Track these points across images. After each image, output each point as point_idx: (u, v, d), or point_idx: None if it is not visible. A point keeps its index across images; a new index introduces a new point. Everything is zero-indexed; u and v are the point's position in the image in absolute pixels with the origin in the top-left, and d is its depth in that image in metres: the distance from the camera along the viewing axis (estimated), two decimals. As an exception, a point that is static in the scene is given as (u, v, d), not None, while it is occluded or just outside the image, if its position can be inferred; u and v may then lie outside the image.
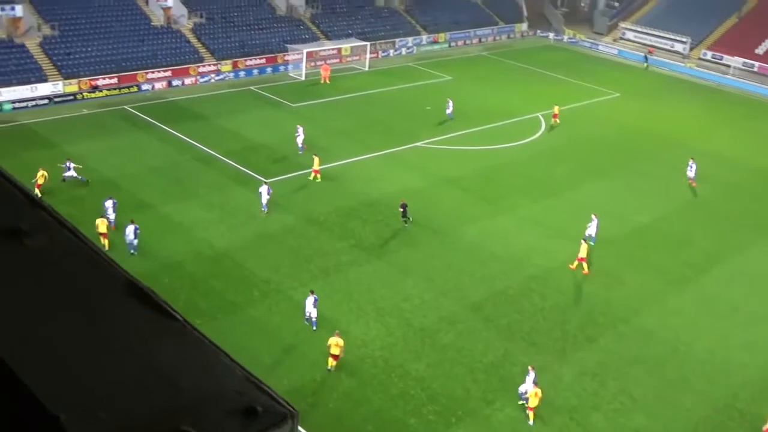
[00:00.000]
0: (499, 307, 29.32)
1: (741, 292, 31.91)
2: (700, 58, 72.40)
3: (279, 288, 29.33)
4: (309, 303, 26.86)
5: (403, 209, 34.66)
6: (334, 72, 58.92)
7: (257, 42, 59.88)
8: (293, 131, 43.12)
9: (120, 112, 47.57)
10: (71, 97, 49.00)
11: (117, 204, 32.75)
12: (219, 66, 56.71)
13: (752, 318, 30.06)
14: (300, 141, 42.49)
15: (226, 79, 56.54)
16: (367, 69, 62.20)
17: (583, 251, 32.04)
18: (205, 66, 56.08)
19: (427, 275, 31.13)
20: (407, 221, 34.71)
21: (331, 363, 24.75)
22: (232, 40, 59.00)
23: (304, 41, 61.40)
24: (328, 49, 62.02)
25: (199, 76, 55.30)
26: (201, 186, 37.57)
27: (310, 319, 26.91)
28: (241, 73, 57.59)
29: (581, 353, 27.02)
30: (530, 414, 23.28)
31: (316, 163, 39.06)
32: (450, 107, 50.20)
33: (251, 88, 54.83)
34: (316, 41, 62.82)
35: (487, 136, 48.04)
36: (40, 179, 34.48)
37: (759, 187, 43.48)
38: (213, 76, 56.13)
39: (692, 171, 42.56)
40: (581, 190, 40.84)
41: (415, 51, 69.61)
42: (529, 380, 23.76)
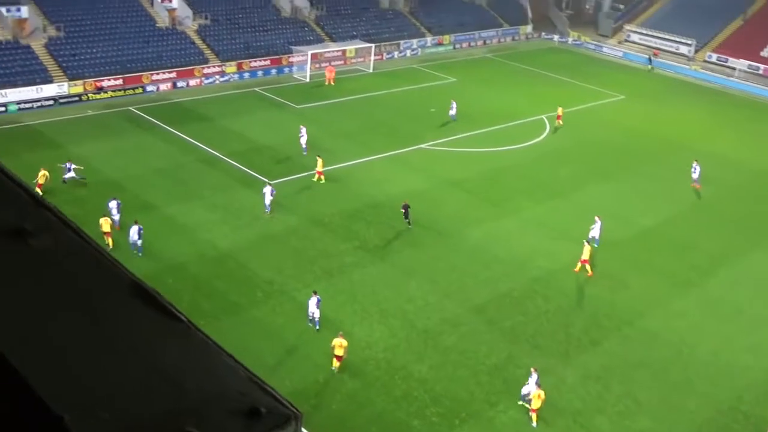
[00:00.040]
0: (502, 309, 29.29)
1: (746, 295, 31.84)
2: (705, 61, 72.28)
3: (282, 289, 29.34)
4: (312, 303, 26.87)
5: (405, 210, 34.67)
6: (339, 74, 58.97)
7: (262, 44, 59.95)
8: (297, 132, 43.18)
9: (125, 114, 47.67)
10: (76, 98, 49.12)
11: (121, 204, 32.86)
12: (224, 67, 56.80)
13: (757, 321, 29.99)
14: (303, 141, 42.55)
15: (231, 80, 56.62)
16: (371, 71, 62.25)
17: (586, 253, 32.03)
18: (209, 67, 56.17)
19: (430, 277, 31.12)
20: (408, 223, 34.70)
21: (335, 364, 24.76)
22: (237, 42, 59.09)
23: (309, 43, 61.45)
24: (333, 51, 62.08)
25: (203, 78, 55.39)
26: (205, 187, 37.61)
27: (313, 320, 26.92)
28: (246, 75, 57.67)
29: (585, 356, 26.98)
30: (533, 416, 23.25)
31: (320, 165, 39.09)
32: (453, 108, 50.19)
33: (256, 89, 54.90)
34: (321, 43, 62.88)
35: (492, 138, 48.02)
36: (41, 179, 34.60)
37: (764, 189, 43.38)
38: (218, 77, 56.22)
39: (696, 173, 42.52)
40: (586, 192, 40.79)
41: (419, 53, 69.63)
42: (532, 382, 23.75)
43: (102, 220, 30.84)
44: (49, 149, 40.29)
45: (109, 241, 30.86)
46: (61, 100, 48.46)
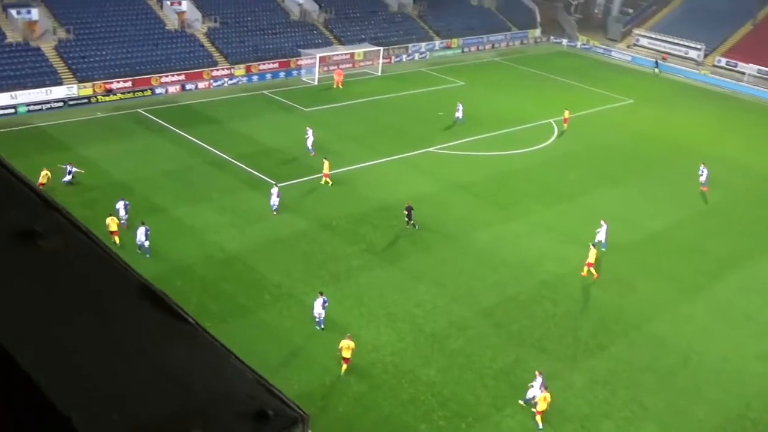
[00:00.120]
0: (510, 313, 29.24)
1: (755, 301, 31.68)
2: (714, 65, 72.05)
3: (290, 292, 29.36)
4: (318, 304, 26.91)
5: (407, 212, 34.66)
6: (347, 77, 59.06)
7: (271, 46, 60.09)
8: (305, 135, 43.26)
9: (134, 116, 47.85)
10: (86, 101, 49.34)
11: (129, 205, 33.01)
12: (232, 70, 56.95)
13: (766, 327, 29.82)
14: (310, 143, 42.65)
15: (240, 83, 56.76)
16: (379, 74, 62.31)
17: (592, 256, 31.96)
18: (218, 70, 56.34)
19: (438, 280, 31.09)
20: (413, 225, 34.68)
21: (344, 367, 24.76)
22: (246, 45, 59.25)
23: (318, 46, 61.58)
24: (341, 54, 62.17)
25: (212, 80, 55.56)
26: (213, 189, 37.71)
27: (319, 321, 26.96)
28: (255, 78, 57.81)
29: (592, 360, 26.89)
30: (538, 419, 23.20)
31: (326, 167, 39.14)
32: (459, 110, 50.17)
33: (264, 92, 55.02)
34: (330, 46, 62.98)
35: (500, 141, 47.99)
36: (43, 179, 34.86)
37: (773, 194, 43.20)
38: (226, 80, 56.38)
39: (703, 176, 42.40)
40: (594, 196, 40.71)
41: (428, 56, 69.65)
42: (537, 385, 23.69)
43: (109, 220, 31.01)
44: (58, 151, 40.47)
45: (116, 239, 30.98)
46: (71, 102, 48.69)
